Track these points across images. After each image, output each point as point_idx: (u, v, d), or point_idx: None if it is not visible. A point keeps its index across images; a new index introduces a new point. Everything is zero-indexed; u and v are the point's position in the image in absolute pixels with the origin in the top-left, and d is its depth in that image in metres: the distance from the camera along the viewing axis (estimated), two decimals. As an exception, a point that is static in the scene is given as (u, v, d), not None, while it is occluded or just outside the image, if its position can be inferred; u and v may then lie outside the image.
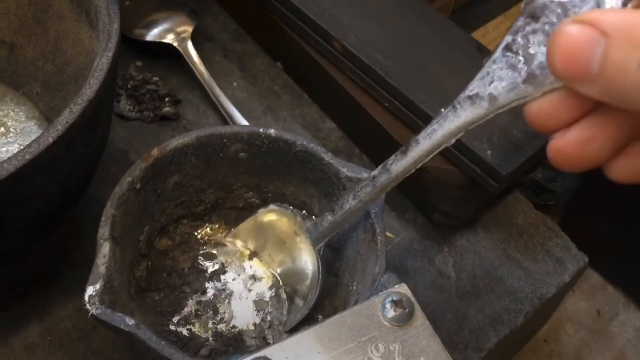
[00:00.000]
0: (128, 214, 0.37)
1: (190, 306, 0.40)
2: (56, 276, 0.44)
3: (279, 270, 0.43)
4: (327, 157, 0.39)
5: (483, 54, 0.54)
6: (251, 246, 0.43)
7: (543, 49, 0.26)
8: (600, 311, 0.65)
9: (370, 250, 0.37)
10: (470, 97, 0.29)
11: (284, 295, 0.42)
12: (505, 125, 0.47)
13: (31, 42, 0.45)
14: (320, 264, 0.40)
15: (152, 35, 0.54)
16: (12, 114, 0.45)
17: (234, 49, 0.58)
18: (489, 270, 0.50)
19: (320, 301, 0.41)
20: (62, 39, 0.43)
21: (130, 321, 0.32)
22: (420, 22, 0.55)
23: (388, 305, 0.32)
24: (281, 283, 0.42)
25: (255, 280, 0.42)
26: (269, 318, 0.41)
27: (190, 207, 0.42)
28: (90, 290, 0.33)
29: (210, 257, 0.43)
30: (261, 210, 0.43)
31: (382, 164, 0.34)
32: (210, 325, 0.40)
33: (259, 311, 0.41)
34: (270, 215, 0.42)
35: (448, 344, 0.46)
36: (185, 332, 0.39)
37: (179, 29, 0.54)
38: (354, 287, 0.39)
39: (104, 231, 0.35)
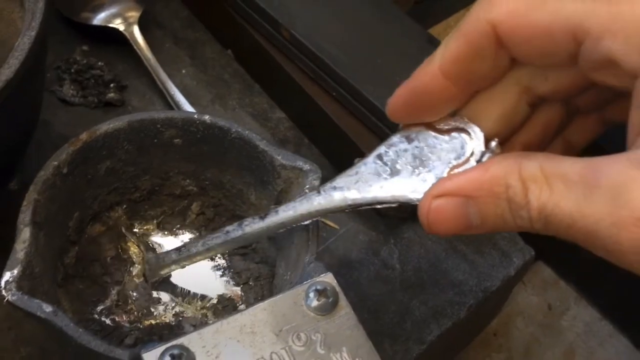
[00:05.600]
0: (54, 199, 0.36)
1: (112, 296, 0.39)
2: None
3: None
4: (262, 144, 0.38)
5: (434, 45, 0.53)
6: None
7: (408, 167, 0.30)
8: (551, 306, 0.65)
9: (303, 239, 0.37)
10: (334, 188, 0.32)
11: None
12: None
13: (-35, 23, 0.44)
14: None
15: (99, 19, 0.53)
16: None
17: (184, 36, 0.57)
18: (434, 263, 0.49)
19: (259, 293, 0.41)
20: (-4, 19, 0.42)
21: (48, 308, 0.31)
22: (371, 12, 0.54)
23: (312, 294, 0.31)
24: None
25: None
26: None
27: (125, 194, 0.41)
28: (7, 276, 0.32)
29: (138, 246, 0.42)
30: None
31: (238, 222, 0.36)
32: (136, 315, 0.39)
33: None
34: None
35: (389, 336, 0.46)
36: (108, 321, 0.38)
37: (127, 14, 0.53)
38: (288, 277, 0.39)
39: (24, 216, 0.34)
